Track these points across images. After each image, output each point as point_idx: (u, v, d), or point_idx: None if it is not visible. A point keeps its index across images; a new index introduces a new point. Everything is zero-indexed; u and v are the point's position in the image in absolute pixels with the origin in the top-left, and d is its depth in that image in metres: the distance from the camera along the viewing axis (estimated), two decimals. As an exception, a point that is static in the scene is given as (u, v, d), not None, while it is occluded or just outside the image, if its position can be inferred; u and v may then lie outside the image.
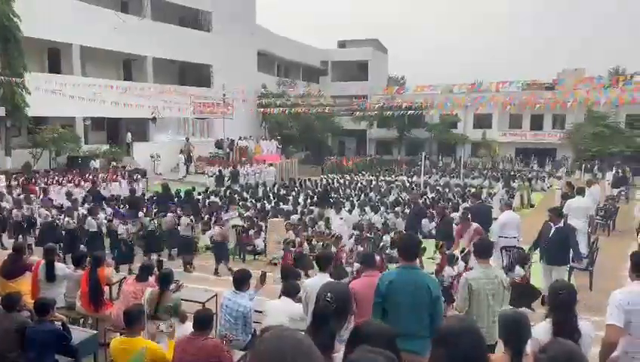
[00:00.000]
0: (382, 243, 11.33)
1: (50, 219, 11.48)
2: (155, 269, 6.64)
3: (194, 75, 32.00)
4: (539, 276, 7.89)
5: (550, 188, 24.37)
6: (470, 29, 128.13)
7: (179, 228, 10.89)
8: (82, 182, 18.32)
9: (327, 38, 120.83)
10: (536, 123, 38.50)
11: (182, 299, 5.59)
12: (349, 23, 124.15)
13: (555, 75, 39.19)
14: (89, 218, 10.76)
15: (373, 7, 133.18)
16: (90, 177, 19.55)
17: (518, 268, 7.76)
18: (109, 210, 12.91)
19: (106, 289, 6.62)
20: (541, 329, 3.29)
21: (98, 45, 24.76)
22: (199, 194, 17.20)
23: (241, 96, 24.70)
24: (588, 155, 34.36)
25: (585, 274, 8.63)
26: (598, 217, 13.96)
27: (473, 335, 2.27)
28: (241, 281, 5.14)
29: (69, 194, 15.18)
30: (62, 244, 10.28)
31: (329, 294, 2.79)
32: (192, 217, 11.04)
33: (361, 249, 10.78)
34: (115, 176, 20.57)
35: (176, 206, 13.20)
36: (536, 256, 8.17)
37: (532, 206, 19.73)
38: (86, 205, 13.36)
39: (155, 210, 13.26)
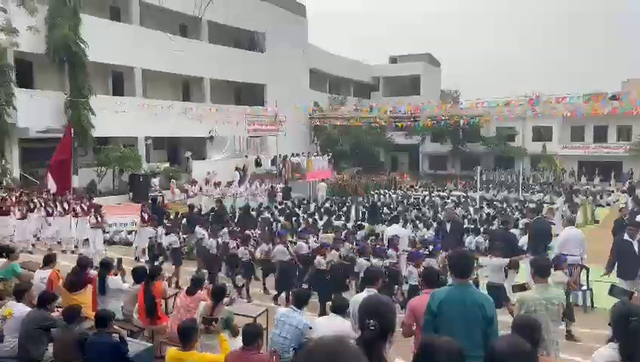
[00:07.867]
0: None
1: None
2: (207, 283, 6.78)
3: (249, 94, 32.83)
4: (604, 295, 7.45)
5: (616, 203, 22.99)
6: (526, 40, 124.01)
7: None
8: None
9: (378, 52, 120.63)
10: (600, 134, 36.59)
11: (234, 314, 5.65)
12: (399, 36, 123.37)
13: (619, 85, 37.28)
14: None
15: (426, 19, 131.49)
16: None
17: None
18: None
19: (162, 302, 6.81)
20: (606, 354, 3.07)
21: (158, 68, 25.92)
22: (252, 210, 17.48)
23: (294, 114, 25.03)
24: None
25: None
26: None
27: (521, 358, 2.23)
28: (302, 299, 5.21)
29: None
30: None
31: (371, 322, 2.72)
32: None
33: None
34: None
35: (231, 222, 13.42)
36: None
37: (596, 222, 18.71)
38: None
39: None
